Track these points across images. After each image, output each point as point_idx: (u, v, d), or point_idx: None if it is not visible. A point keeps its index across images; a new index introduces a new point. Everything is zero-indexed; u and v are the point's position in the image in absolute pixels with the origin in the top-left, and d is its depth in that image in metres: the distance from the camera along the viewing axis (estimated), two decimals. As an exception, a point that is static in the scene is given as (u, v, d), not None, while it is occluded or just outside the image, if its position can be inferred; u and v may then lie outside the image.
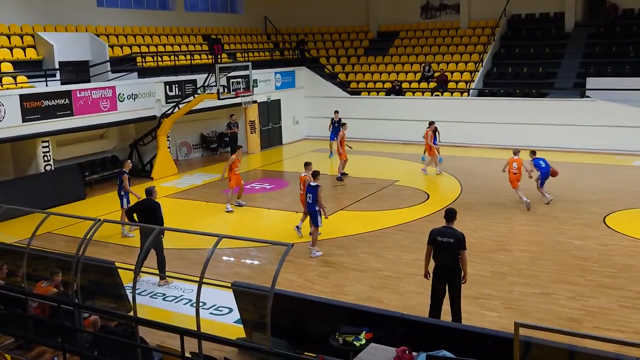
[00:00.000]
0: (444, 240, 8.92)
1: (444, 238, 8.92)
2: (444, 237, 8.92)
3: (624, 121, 22.20)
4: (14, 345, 9.02)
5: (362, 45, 30.89)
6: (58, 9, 21.77)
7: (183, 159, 24.13)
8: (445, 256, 8.95)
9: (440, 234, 8.97)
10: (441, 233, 8.98)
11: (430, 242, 9.05)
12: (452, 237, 8.89)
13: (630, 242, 13.00)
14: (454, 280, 9.00)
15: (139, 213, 11.50)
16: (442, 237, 8.93)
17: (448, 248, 8.91)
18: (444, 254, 8.96)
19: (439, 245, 8.96)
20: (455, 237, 8.89)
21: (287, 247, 7.24)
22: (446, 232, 8.97)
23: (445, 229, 9.04)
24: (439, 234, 8.98)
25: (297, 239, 13.41)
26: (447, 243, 8.90)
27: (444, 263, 8.99)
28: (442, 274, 9.03)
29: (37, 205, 13.78)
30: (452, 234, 8.92)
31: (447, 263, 8.96)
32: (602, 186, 17.80)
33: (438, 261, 9.04)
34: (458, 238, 8.88)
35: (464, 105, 24.99)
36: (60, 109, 17.73)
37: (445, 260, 8.97)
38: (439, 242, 8.95)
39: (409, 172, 20.62)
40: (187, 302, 10.61)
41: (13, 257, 9.96)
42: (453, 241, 8.87)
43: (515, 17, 28.77)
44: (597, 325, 9.34)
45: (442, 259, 8.99)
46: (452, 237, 8.88)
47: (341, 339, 7.67)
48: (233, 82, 19.95)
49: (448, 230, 9.00)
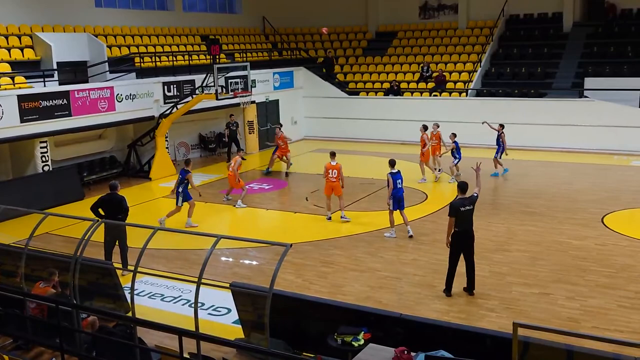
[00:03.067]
0: (466, 209, 10.32)
1: (466, 207, 10.31)
2: (465, 207, 10.31)
3: (622, 121, 22.23)
4: (12, 345, 9.00)
5: (360, 46, 30.90)
6: (56, 9, 21.74)
7: (181, 159, 24.10)
8: (467, 222, 10.36)
9: (462, 205, 10.31)
10: (462, 204, 10.32)
11: (452, 214, 10.29)
12: (470, 204, 10.38)
13: (629, 242, 13.01)
14: (472, 242, 10.47)
15: (105, 207, 11.90)
16: (464, 207, 10.30)
17: (469, 214, 10.36)
18: (466, 221, 10.35)
19: (461, 215, 10.27)
20: (472, 204, 10.44)
21: (286, 248, 7.24)
22: (465, 202, 10.35)
23: (463, 200, 10.38)
24: (461, 205, 10.30)
25: (295, 240, 13.39)
26: (469, 211, 10.35)
27: (465, 229, 10.33)
28: (464, 239, 10.35)
29: (35, 206, 13.77)
30: (470, 202, 10.42)
31: (467, 227, 10.37)
32: (601, 186, 17.81)
33: (460, 228, 10.29)
34: (474, 203, 10.47)
35: (462, 105, 25.00)
36: (58, 110, 17.71)
37: (466, 226, 10.36)
38: (462, 211, 10.28)
39: (407, 172, 20.58)
40: (186, 302, 10.59)
41: (11, 257, 9.96)
42: (472, 208, 10.40)
43: (514, 18, 28.79)
44: (595, 325, 9.34)
45: (464, 225, 10.32)
46: (470, 205, 10.39)
47: (340, 339, 7.67)
48: (231, 82, 19.91)
49: (466, 200, 10.38)
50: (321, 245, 13.39)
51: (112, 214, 11.80)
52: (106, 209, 11.88)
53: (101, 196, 12.21)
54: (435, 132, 19.40)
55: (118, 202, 11.99)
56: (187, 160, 15.54)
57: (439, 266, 11.99)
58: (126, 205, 12.06)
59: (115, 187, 12.20)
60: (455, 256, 10.45)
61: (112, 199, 12.01)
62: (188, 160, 15.54)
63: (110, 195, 12.07)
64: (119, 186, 12.38)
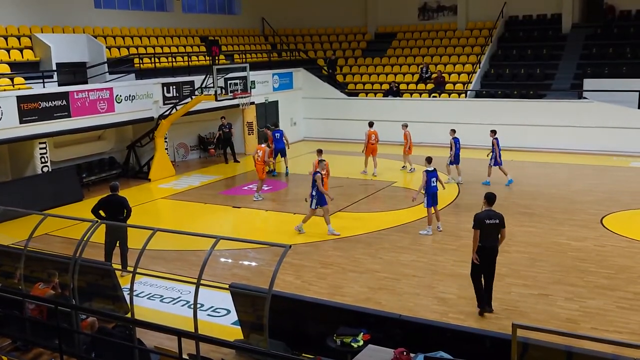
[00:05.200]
0: (492, 222, 9.69)
1: (491, 220, 9.69)
2: (491, 220, 9.70)
3: (621, 122, 22.24)
4: (11, 347, 9.00)
5: (359, 47, 30.91)
6: (55, 10, 21.74)
7: (180, 161, 24.12)
8: (492, 236, 9.72)
9: (488, 217, 9.72)
10: (488, 216, 9.73)
11: (476, 226, 9.68)
12: (497, 218, 9.73)
13: (628, 243, 13.01)
14: (494, 259, 9.82)
15: (105, 208, 11.90)
16: (489, 219, 9.70)
17: (494, 229, 9.71)
18: (491, 235, 9.70)
19: (486, 227, 9.67)
20: (499, 218, 9.77)
21: (285, 249, 7.24)
22: (491, 214, 9.75)
23: (489, 212, 9.78)
24: (486, 217, 9.71)
25: (294, 241, 13.40)
26: (494, 224, 9.70)
27: (490, 243, 9.70)
28: (487, 254, 9.71)
29: (34, 207, 13.77)
30: (497, 216, 9.76)
31: (492, 243, 9.73)
32: (600, 187, 17.82)
33: (485, 242, 9.67)
34: (501, 218, 9.78)
35: (461, 106, 25.01)
36: (58, 111, 17.71)
37: (491, 241, 9.71)
38: (487, 224, 9.68)
39: (406, 173, 20.65)
40: (185, 303, 10.58)
41: (10, 258, 9.95)
42: (498, 222, 9.72)
43: (513, 19, 28.81)
44: (594, 326, 9.35)
45: (488, 239, 9.68)
46: (497, 218, 9.73)
47: (339, 341, 7.67)
48: (231, 83, 19.91)
49: (491, 212, 9.78)
50: (320, 247, 13.39)
51: (113, 215, 11.82)
52: (107, 210, 11.88)
53: (101, 198, 12.20)
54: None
55: (119, 203, 11.99)
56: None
57: (438, 267, 12.02)
58: (128, 206, 12.05)
59: (116, 188, 12.22)
60: (477, 273, 9.85)
61: (112, 200, 12.01)
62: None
63: (111, 196, 12.08)
64: (119, 187, 12.40)
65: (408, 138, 20.40)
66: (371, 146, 20.15)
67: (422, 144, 21.74)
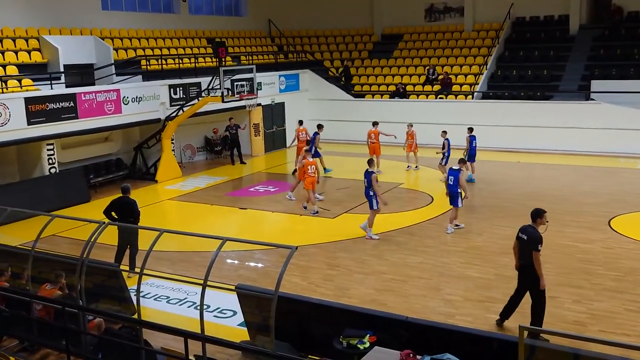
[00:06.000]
0: (520, 236, 9.11)
1: (521, 234, 9.10)
2: (521, 233, 9.11)
3: (629, 124, 22.14)
4: (19, 347, 9.04)
5: (366, 48, 30.91)
6: (63, 12, 21.84)
7: (187, 162, 24.17)
8: (523, 253, 9.05)
9: (522, 230, 9.14)
10: (523, 229, 9.13)
11: (516, 236, 9.21)
12: (526, 234, 9.00)
13: (636, 245, 12.94)
14: (529, 281, 8.98)
15: (116, 210, 11.92)
16: (522, 233, 9.11)
17: (523, 245, 9.03)
18: (522, 251, 9.07)
19: (519, 241, 9.13)
20: (529, 235, 8.96)
21: (291, 250, 7.25)
22: (526, 229, 9.09)
23: (527, 226, 9.11)
24: (521, 230, 9.15)
25: (301, 242, 13.39)
26: (522, 240, 9.05)
27: (521, 261, 9.10)
28: (520, 271, 9.17)
29: (41, 208, 13.80)
30: (528, 232, 9.00)
31: (522, 261, 9.06)
32: (607, 189, 17.74)
33: (520, 258, 9.13)
34: (531, 237, 8.93)
35: (468, 108, 24.95)
36: (65, 112, 17.78)
37: (523, 258, 9.04)
38: (518, 237, 9.16)
39: (412, 174, 20.63)
40: (191, 304, 10.61)
41: (18, 259, 9.99)
42: (526, 239, 8.98)
43: (520, 20, 28.74)
44: (602, 328, 9.30)
45: (522, 256, 9.09)
46: (526, 234, 9.00)
47: (345, 342, 7.67)
48: (237, 85, 19.96)
49: (529, 227, 9.08)
50: (327, 248, 13.39)
51: (124, 217, 11.86)
52: (118, 212, 11.93)
53: (113, 199, 12.21)
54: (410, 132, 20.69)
55: (129, 205, 12.01)
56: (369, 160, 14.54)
57: (445, 269, 11.99)
58: (137, 209, 12.05)
59: (127, 190, 12.22)
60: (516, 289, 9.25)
61: (123, 202, 12.04)
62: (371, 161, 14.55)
63: (122, 198, 12.10)
64: (130, 189, 12.37)
65: (414, 137, 20.64)
66: (372, 145, 20.41)
67: (429, 146, 21.66)
